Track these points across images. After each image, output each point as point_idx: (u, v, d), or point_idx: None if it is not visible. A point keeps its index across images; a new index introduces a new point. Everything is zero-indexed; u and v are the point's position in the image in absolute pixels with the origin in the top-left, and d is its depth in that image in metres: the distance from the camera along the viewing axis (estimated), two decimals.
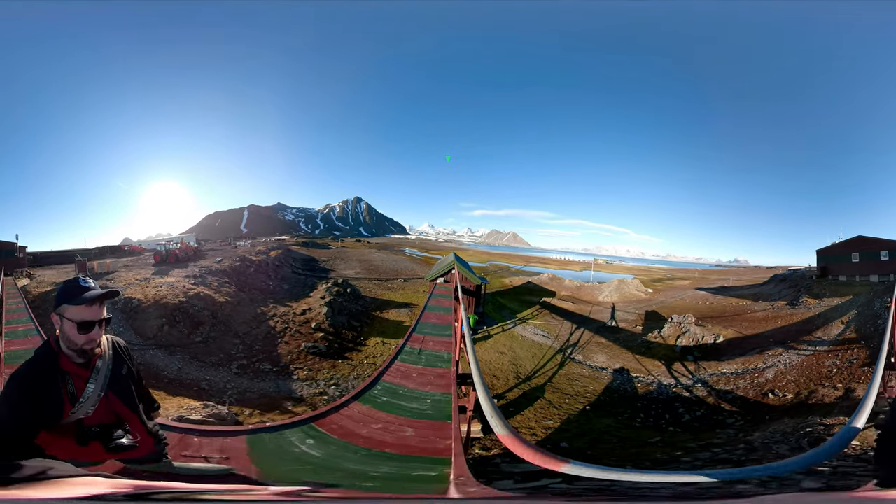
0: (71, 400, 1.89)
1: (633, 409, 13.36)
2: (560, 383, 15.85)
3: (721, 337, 18.67)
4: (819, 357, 14.57)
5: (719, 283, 56.15)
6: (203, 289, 19.67)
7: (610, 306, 37.17)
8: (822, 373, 12.96)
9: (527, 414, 12.46)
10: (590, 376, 16.98)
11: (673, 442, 9.61)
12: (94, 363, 2.00)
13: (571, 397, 14.33)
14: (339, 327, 20.17)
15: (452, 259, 29.57)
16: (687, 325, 19.59)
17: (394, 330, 21.88)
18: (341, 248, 76.46)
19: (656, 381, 15.81)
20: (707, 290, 47.10)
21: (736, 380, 13.68)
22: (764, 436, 7.56)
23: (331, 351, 16.90)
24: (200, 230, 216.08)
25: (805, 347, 16.10)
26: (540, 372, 17.24)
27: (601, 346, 22.43)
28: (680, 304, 38.31)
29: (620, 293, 44.15)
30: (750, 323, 23.10)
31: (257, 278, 28.44)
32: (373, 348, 18.92)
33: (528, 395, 14.37)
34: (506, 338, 22.95)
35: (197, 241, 54.36)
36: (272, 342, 16.47)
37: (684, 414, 11.80)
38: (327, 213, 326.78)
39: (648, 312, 32.43)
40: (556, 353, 20.55)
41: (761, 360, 15.24)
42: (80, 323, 1.89)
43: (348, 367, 15.56)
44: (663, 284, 57.68)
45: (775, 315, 24.15)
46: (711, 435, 9.55)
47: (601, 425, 11.83)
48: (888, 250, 27.91)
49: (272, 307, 21.74)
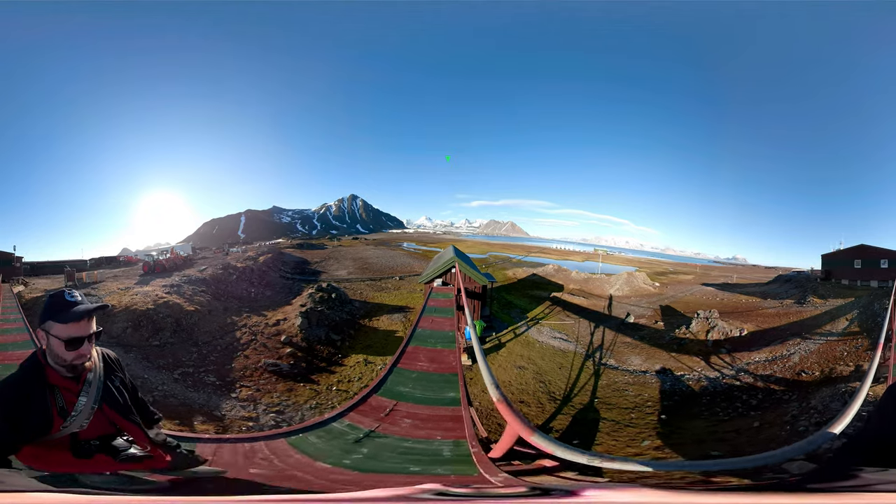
0: (61, 414, 1.85)
1: (705, 405, 13.25)
2: (608, 397, 14.40)
3: (745, 330, 21.78)
4: (831, 345, 17.72)
5: (722, 279, 57.90)
6: (175, 297, 19.93)
7: (622, 300, 37.39)
8: (836, 356, 15.95)
9: (605, 443, 10.66)
10: (635, 382, 15.97)
11: (770, 421, 10.58)
12: (85, 376, 1.96)
13: (633, 410, 13.12)
14: (314, 341, 18.21)
15: (452, 255, 25.63)
16: (714, 321, 22.37)
17: (382, 343, 19.73)
18: (337, 247, 75.58)
19: (701, 375, 16.20)
20: (713, 286, 48.46)
21: (770, 365, 16.21)
22: (818, 401, 10.33)
23: (294, 370, 15.04)
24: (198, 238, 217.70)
25: (818, 338, 19.27)
26: (576, 386, 15.51)
27: (629, 346, 21.82)
28: (691, 299, 38.71)
29: (630, 287, 44.43)
30: (764, 318, 25.26)
31: (239, 286, 28.25)
32: (351, 370, 16.18)
33: (581, 420, 12.55)
34: (520, 345, 20.84)
35: (193, 249, 54.88)
36: (230, 354, 15.63)
37: (749, 399, 12.97)
38: (323, 212, 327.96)
39: (663, 308, 33.27)
40: (585, 359, 19.14)
41: (784, 349, 18.22)
42: (67, 340, 1.84)
43: (309, 393, 13.34)
44: (667, 278, 58.51)
45: (786, 312, 26.44)
46: (786, 409, 11.05)
47: (696, 429, 11.36)
48: (888, 259, 30.82)
49: (245, 317, 20.79)
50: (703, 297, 38.85)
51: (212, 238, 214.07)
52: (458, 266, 23.67)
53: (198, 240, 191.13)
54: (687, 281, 56.67)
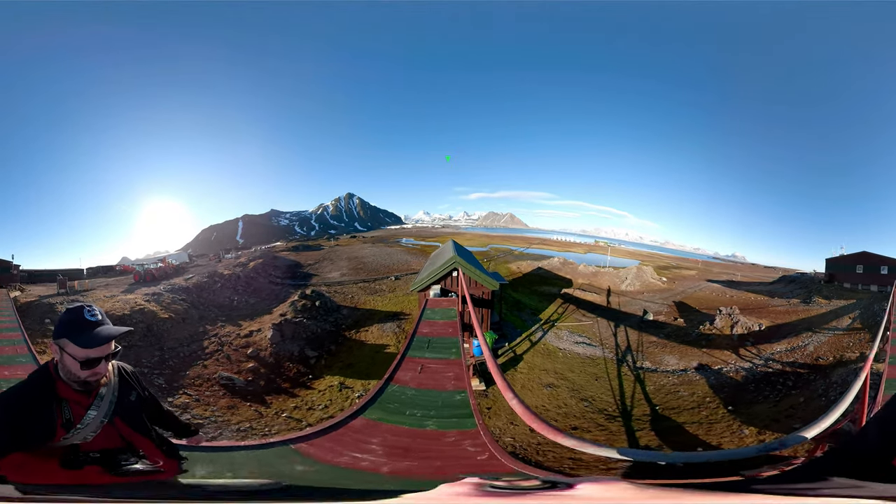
0: (65, 426, 1.80)
1: (753, 392, 14.35)
2: (666, 401, 13.87)
3: (763, 325, 25.37)
4: (838, 337, 21.27)
5: (725, 276, 57.56)
6: (152, 305, 20.24)
7: (635, 297, 37.71)
8: (844, 346, 19.31)
9: (725, 442, 10.39)
10: (682, 382, 15.77)
11: (809, 396, 12.83)
12: (98, 391, 1.92)
13: (699, 408, 12.99)
14: (284, 357, 16.96)
15: (452, 254, 21.06)
16: (736, 316, 25.78)
17: (367, 362, 17.39)
18: (334, 247, 72.89)
19: (737, 367, 17.33)
20: (718, 282, 47.90)
21: (791, 354, 19.35)
22: (836, 378, 13.78)
23: (249, 388, 13.94)
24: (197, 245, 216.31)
25: (827, 332, 22.93)
26: (625, 397, 14.67)
27: (657, 345, 21.65)
28: (702, 295, 39.31)
29: (641, 282, 44.01)
30: (776, 315, 27.40)
31: (222, 294, 28.08)
32: (319, 395, 14.13)
33: (666, 429, 11.78)
34: (541, 356, 18.61)
35: (190, 257, 54.66)
36: (190, 362, 15.41)
37: (786, 381, 15.01)
38: (321, 213, 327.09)
39: (677, 304, 34.17)
40: (618, 364, 18.21)
41: (800, 340, 21.41)
42: (84, 361, 1.78)
43: (250, 415, 12.08)
44: (671, 273, 57.87)
45: (794, 310, 28.70)
46: (815, 386, 13.56)
47: (764, 412, 12.01)
48: (888, 266, 33.85)
49: (219, 326, 20.48)
50: (713, 294, 39.98)
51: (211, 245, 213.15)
52: (460, 270, 19.25)
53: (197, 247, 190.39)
54: (691, 276, 55.54)
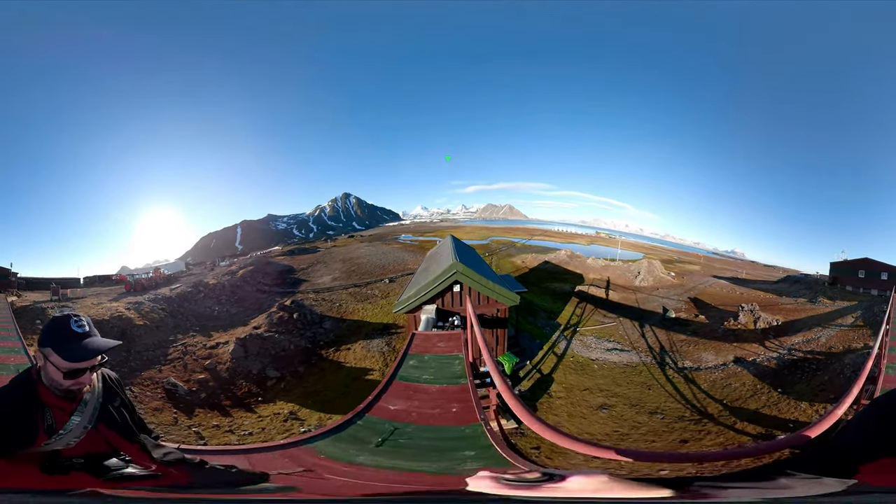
0: (47, 432, 1.78)
1: (788, 376, 16.07)
2: (725, 395, 14.90)
3: (780, 320, 26.32)
4: (844, 332, 21.84)
5: (728, 273, 56.40)
6: (131, 312, 20.86)
7: (650, 293, 37.60)
8: (849, 338, 21.42)
9: (801, 418, 11.99)
10: (728, 375, 16.79)
11: (832, 375, 15.06)
12: (81, 397, 1.89)
13: (755, 396, 14.47)
14: (240, 374, 15.91)
15: (451, 260, 14.52)
16: (758, 312, 25.76)
17: (338, 389, 15.21)
18: (331, 248, 69.90)
19: (767, 357, 18.81)
20: (725, 279, 47.93)
21: (808, 345, 20.17)
22: (849, 360, 15.96)
23: (188, 397, 13.67)
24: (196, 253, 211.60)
25: (834, 327, 26.44)
26: (688, 401, 14.49)
27: (688, 343, 22.06)
28: (714, 291, 40.00)
29: (653, 277, 43.23)
30: (786, 312, 28.35)
31: (204, 304, 28.51)
32: (258, 421, 12.57)
33: (749, 419, 12.54)
34: (574, 373, 16.78)
35: (187, 265, 54.82)
36: (148, 365, 15.75)
37: (810, 366, 17.10)
38: (318, 214, 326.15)
39: (693, 300, 34.55)
40: (661, 367, 17.96)
41: (812, 334, 21.83)
42: (67, 371, 1.76)
43: (166, 420, 11.83)
44: (676, 267, 56.04)
45: (802, 308, 29.97)
46: (833, 368, 15.99)
47: (805, 390, 14.10)
48: (888, 272, 36.54)
49: (190, 335, 20.52)
50: (724, 291, 40.70)
51: (210, 252, 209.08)
52: (463, 283, 14.02)
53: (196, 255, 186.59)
54: (696, 272, 55.00)
